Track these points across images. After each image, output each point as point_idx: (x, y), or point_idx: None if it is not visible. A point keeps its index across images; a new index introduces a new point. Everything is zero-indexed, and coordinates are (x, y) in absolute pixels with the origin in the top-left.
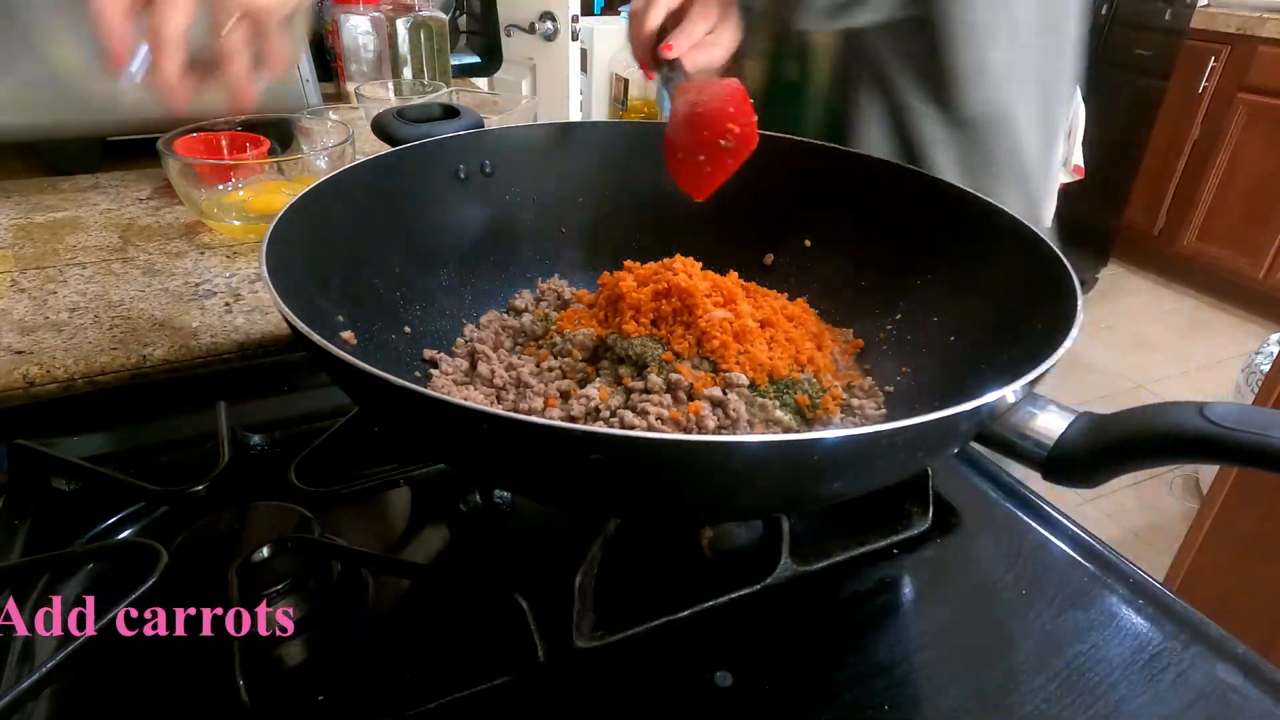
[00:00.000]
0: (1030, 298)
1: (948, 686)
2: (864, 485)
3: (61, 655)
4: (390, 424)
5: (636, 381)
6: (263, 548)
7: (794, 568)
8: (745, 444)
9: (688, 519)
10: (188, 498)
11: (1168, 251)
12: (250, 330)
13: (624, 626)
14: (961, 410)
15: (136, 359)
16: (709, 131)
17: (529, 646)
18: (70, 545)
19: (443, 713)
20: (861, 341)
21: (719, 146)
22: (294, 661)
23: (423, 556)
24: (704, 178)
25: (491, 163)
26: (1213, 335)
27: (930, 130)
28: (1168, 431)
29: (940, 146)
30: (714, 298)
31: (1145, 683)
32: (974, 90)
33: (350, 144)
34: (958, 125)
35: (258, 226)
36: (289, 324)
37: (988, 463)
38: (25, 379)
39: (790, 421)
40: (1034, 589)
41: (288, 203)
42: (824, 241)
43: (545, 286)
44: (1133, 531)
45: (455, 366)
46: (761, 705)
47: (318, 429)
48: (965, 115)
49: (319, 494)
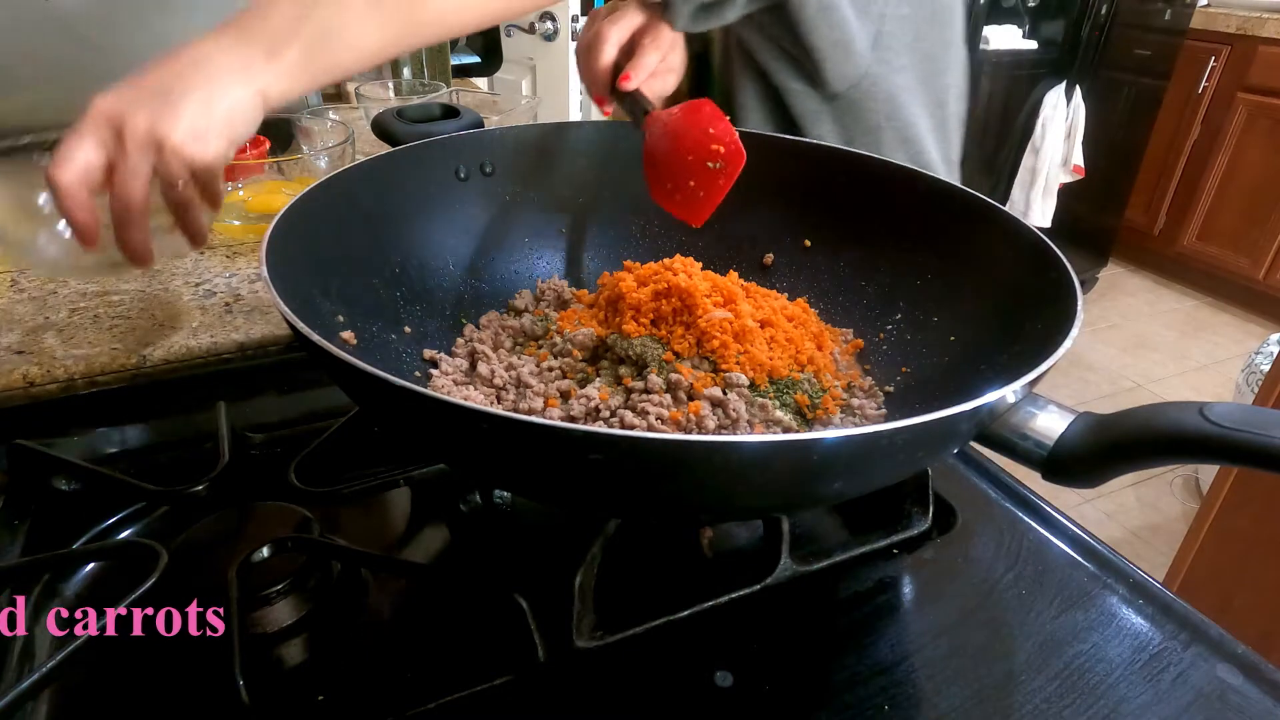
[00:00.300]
0: (1030, 298)
1: (948, 686)
2: (864, 485)
3: (61, 655)
4: (390, 424)
5: (636, 381)
6: (263, 548)
7: (794, 568)
8: (745, 444)
9: (688, 519)
10: (188, 498)
11: (1168, 251)
12: (250, 330)
13: (624, 626)
14: (961, 410)
15: (136, 359)
16: (694, 156)
17: (529, 646)
18: (70, 545)
19: (443, 713)
20: (861, 341)
21: (707, 169)
22: (294, 661)
23: (423, 556)
24: (698, 202)
25: (491, 163)
26: (1213, 335)
27: (807, 106)
28: (1168, 431)
29: (819, 119)
30: (714, 298)
31: (1145, 683)
32: (838, 66)
33: (350, 144)
34: (830, 99)
35: (258, 226)
36: (289, 324)
37: (988, 463)
38: (25, 379)
39: (790, 421)
40: (1034, 589)
41: (288, 203)
42: (824, 241)
43: (545, 286)
44: (1133, 531)
45: (455, 366)
46: (761, 705)
47: (318, 429)
48: (835, 89)
49: (319, 494)
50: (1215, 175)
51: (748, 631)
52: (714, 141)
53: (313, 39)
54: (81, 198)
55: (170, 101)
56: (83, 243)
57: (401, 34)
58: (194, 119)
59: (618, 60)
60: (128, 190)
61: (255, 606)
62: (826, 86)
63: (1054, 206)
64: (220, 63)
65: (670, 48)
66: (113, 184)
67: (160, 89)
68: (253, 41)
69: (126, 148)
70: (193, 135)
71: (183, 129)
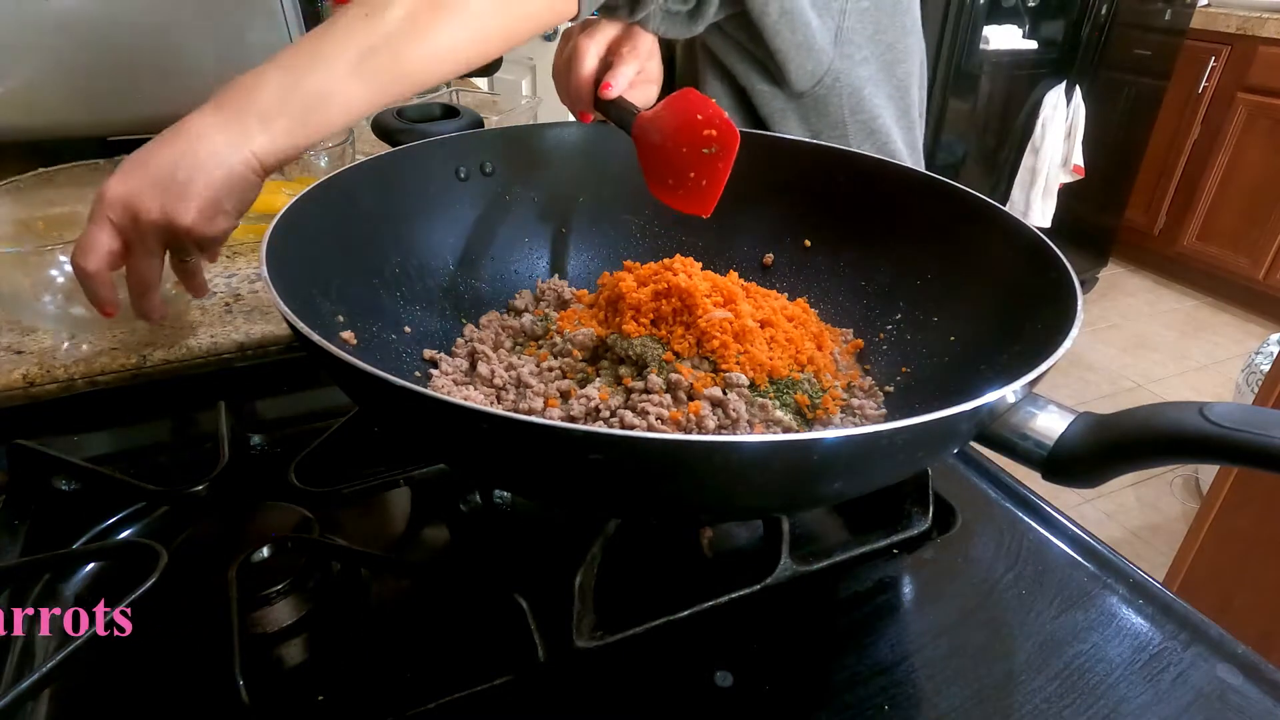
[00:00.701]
0: (1030, 298)
1: (948, 686)
2: (864, 485)
3: (61, 655)
4: (390, 424)
5: (636, 381)
6: (263, 548)
7: (794, 568)
8: (745, 444)
9: (688, 519)
10: (188, 498)
11: (1168, 251)
12: (250, 330)
13: (624, 626)
14: (961, 410)
15: (136, 359)
16: (689, 146)
17: (529, 646)
18: (70, 545)
19: (443, 713)
20: (861, 341)
21: (704, 155)
22: (294, 661)
23: (423, 556)
24: (702, 192)
25: (491, 163)
26: (1213, 335)
27: (773, 105)
28: (1168, 431)
29: (785, 117)
30: (714, 298)
31: (1145, 683)
32: (801, 65)
33: (350, 144)
34: (795, 97)
35: (258, 226)
36: (289, 324)
37: (988, 463)
38: (25, 379)
39: (790, 421)
40: (1034, 589)
41: (288, 203)
42: (824, 241)
43: (545, 286)
44: (1133, 531)
45: (455, 366)
46: (761, 705)
47: (318, 429)
48: (799, 88)
49: (319, 494)
50: (1215, 175)
51: (748, 631)
52: (705, 126)
53: (303, 108)
54: (105, 280)
55: (177, 186)
56: (104, 314)
57: (387, 88)
58: (202, 202)
59: (597, 73)
60: (145, 270)
61: (255, 606)
62: (791, 86)
63: (1054, 206)
64: (217, 140)
65: (648, 57)
66: (130, 264)
67: (165, 175)
68: (245, 117)
69: (144, 234)
70: (203, 218)
71: (193, 213)
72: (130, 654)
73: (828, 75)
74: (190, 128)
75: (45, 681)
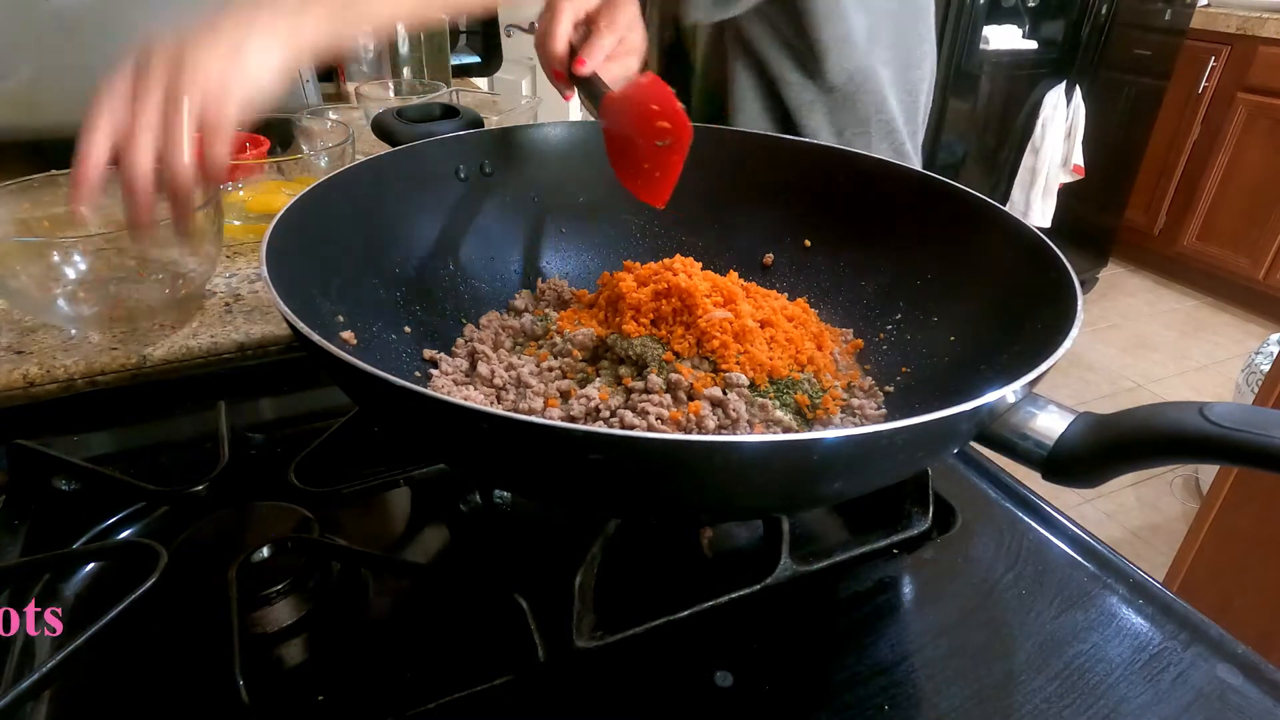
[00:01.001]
0: (1030, 298)
1: (948, 686)
2: (864, 485)
3: (61, 655)
4: (390, 424)
5: (636, 381)
6: (263, 548)
7: (794, 568)
8: (745, 444)
9: (688, 519)
10: (188, 498)
11: (1168, 251)
12: (250, 330)
13: (624, 626)
14: (961, 410)
15: (136, 359)
16: (643, 137)
17: (529, 646)
18: (70, 545)
19: (443, 713)
20: (861, 342)
21: (657, 148)
22: (294, 661)
23: (423, 556)
24: (655, 183)
25: (491, 163)
26: (1213, 335)
27: (802, 97)
28: (1168, 431)
29: (813, 111)
30: (714, 298)
31: (1145, 683)
32: (839, 59)
33: (350, 144)
34: (827, 90)
35: (258, 226)
36: (289, 324)
37: (988, 463)
38: (25, 379)
39: (790, 421)
40: (1034, 589)
41: (288, 203)
42: (824, 241)
43: (545, 286)
44: (1133, 531)
45: (455, 366)
46: (761, 705)
47: (318, 429)
48: (833, 81)
49: (319, 494)
50: (1215, 175)
51: (748, 631)
52: (659, 118)
53: None
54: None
55: (241, 57)
56: None
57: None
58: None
59: (574, 43)
60: (132, 160)
61: (255, 606)
62: (825, 78)
63: (1054, 206)
64: (259, 16)
65: (628, 28)
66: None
67: (234, 45)
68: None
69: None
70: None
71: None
72: (130, 654)
73: (858, 73)
74: (239, 15)
75: (45, 681)
